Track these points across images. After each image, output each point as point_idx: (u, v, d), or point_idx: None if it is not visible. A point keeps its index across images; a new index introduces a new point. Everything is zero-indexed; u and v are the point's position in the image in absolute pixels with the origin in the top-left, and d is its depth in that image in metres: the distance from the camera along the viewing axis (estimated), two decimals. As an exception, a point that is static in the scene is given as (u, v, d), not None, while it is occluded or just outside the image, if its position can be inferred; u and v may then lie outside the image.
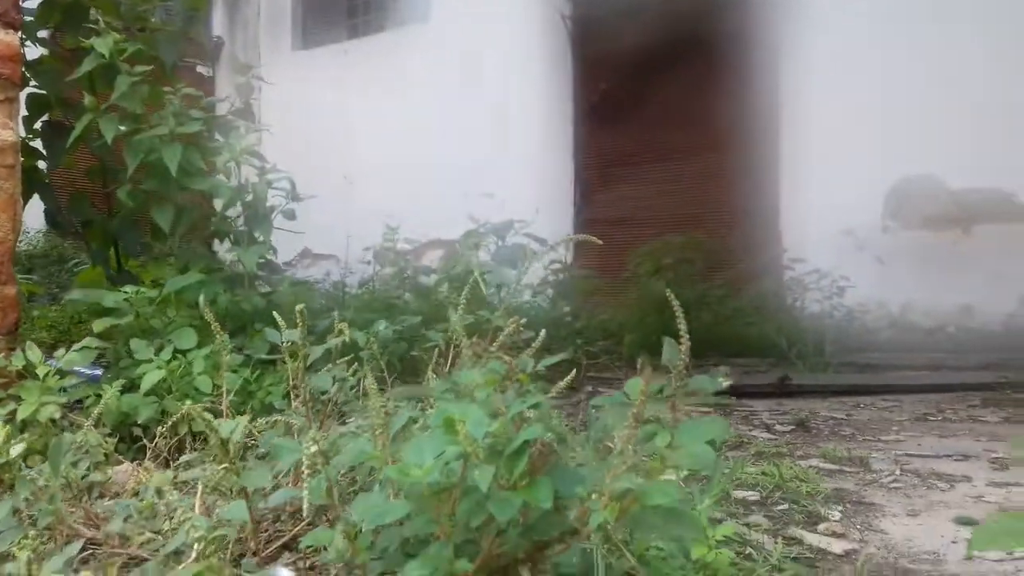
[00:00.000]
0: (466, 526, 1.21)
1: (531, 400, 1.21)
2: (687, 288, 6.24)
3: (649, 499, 1.07)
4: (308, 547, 1.63)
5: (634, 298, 6.04)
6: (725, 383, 1.35)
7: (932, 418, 3.56)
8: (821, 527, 2.07)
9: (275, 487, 1.61)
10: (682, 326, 1.39)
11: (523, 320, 1.67)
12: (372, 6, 10.44)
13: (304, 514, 1.27)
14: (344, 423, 2.23)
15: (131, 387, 2.82)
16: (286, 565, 1.56)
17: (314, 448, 1.28)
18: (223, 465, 1.57)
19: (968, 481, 2.54)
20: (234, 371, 2.88)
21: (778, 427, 3.39)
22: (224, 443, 1.43)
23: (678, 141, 8.39)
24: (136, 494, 2.04)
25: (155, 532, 1.79)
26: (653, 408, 1.30)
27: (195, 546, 1.33)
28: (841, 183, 7.19)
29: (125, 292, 3.07)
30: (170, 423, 2.41)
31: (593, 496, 1.11)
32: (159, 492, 1.83)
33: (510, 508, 1.10)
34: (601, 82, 8.77)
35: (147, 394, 2.78)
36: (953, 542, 2.00)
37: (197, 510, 1.55)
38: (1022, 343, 5.64)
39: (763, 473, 2.46)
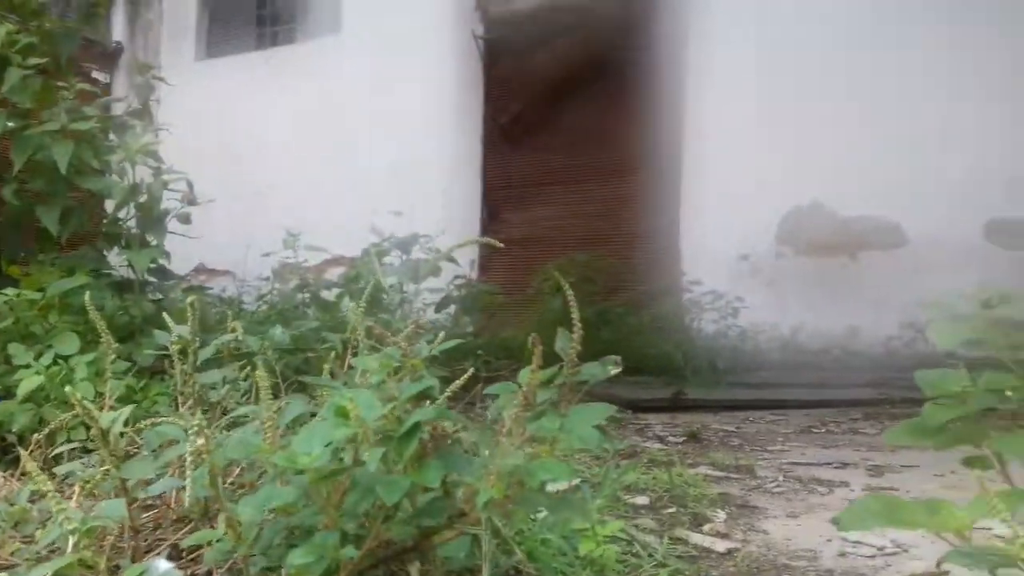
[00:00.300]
0: (353, 513, 1.21)
1: (424, 384, 1.22)
2: (589, 306, 6.36)
3: (536, 477, 1.09)
4: (191, 547, 1.59)
5: (537, 315, 6.12)
6: (614, 369, 1.39)
7: (816, 430, 3.72)
8: (706, 528, 2.13)
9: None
10: (575, 314, 1.42)
11: (423, 323, 1.68)
12: (281, 17, 10.31)
13: (186, 504, 1.24)
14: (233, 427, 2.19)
15: (7, 394, 2.70)
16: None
17: (200, 441, 1.25)
18: (103, 462, 1.52)
19: (846, 486, 2.66)
20: (118, 378, 2.78)
21: (671, 439, 3.48)
22: (104, 434, 1.38)
23: (586, 164, 8.56)
24: (10, 503, 1.94)
25: (27, 538, 1.71)
26: (545, 395, 1.33)
27: (69, 539, 1.28)
28: (738, 209, 7.47)
29: (4, 295, 2.94)
30: (47, 431, 2.31)
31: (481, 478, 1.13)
32: (33, 498, 1.75)
33: (398, 490, 1.11)
34: (512, 103, 8.88)
35: (24, 401, 2.66)
36: (829, 541, 2.09)
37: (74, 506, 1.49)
38: (901, 364, 5.94)
39: (653, 479, 2.52)
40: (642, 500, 2.37)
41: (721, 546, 2.00)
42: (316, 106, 9.50)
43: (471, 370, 1.69)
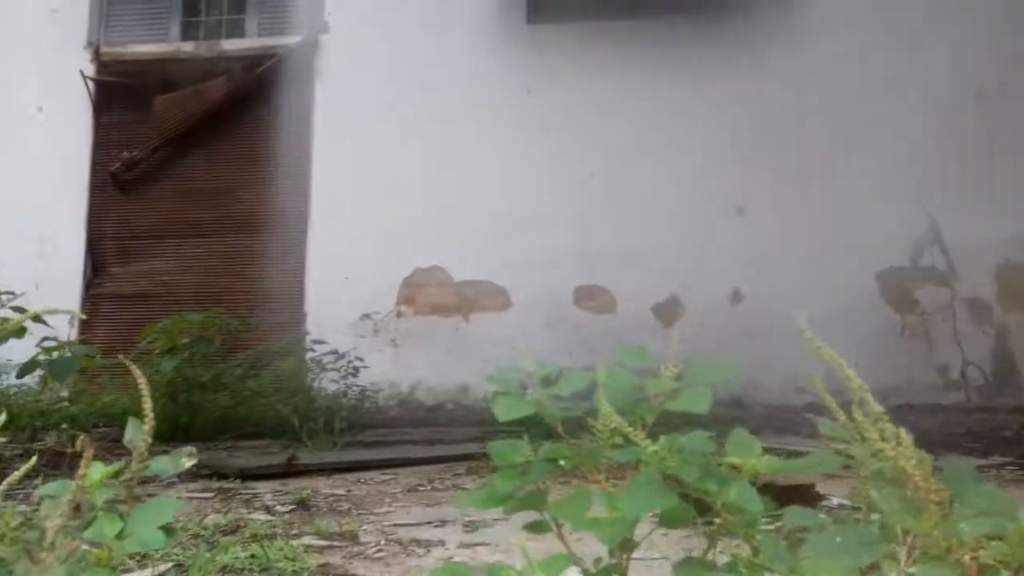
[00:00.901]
0: None
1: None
2: (206, 368, 6.05)
3: (76, 592, 1.00)
4: None
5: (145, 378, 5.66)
6: (188, 462, 1.33)
7: (422, 488, 3.88)
8: (302, 603, 2.11)
9: None
10: (147, 404, 1.35)
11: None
12: None
13: None
14: None
15: None
16: None
17: None
18: None
19: (442, 545, 2.80)
20: None
21: (279, 508, 3.41)
22: None
23: (208, 217, 8.21)
24: None
25: None
26: (107, 493, 1.24)
27: None
28: (363, 269, 7.66)
29: None
30: None
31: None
32: None
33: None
34: (124, 150, 8.24)
35: None
36: (420, 603, 2.18)
37: None
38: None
39: (251, 556, 2.44)
40: (238, 580, 2.29)
41: (314, 622, 2.00)
42: None
43: (32, 459, 1.52)
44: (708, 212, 7.23)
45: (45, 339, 4.51)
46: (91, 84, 8.22)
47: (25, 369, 4.40)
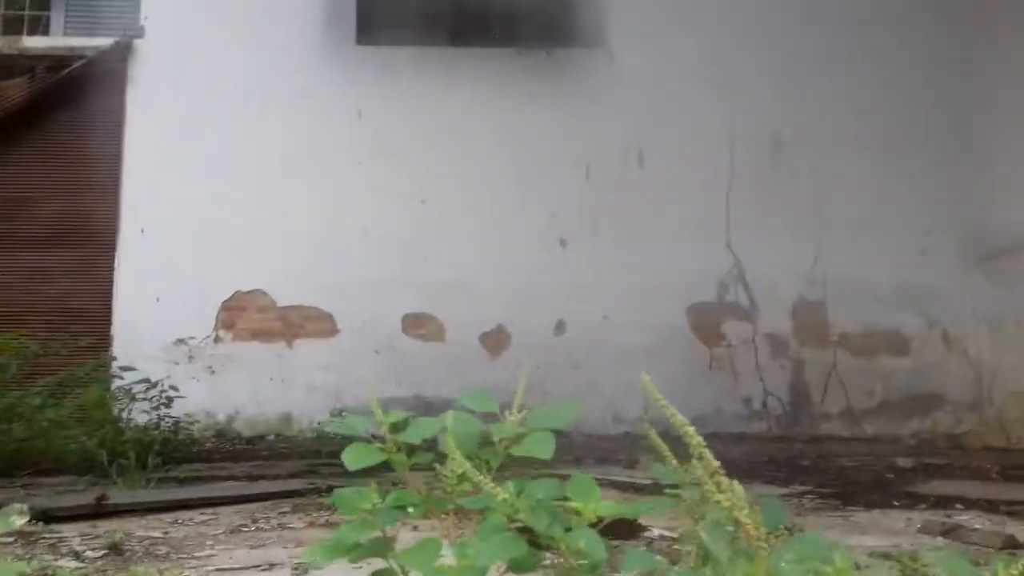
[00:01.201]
0: None
1: None
2: (-2, 396, 5.55)
3: None
4: None
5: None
6: (20, 520, 1.24)
7: (246, 529, 3.73)
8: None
9: None
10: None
11: None
12: None
13: None
14: None
15: None
16: None
17: None
18: None
19: (271, 590, 2.71)
20: None
21: (89, 553, 3.18)
22: None
23: (4, 231, 7.54)
24: None
25: None
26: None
27: None
28: (178, 291, 7.28)
29: None
30: None
31: None
32: None
33: None
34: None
35: None
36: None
37: None
38: (330, 448, 6.31)
39: (64, 611, 2.27)
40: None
41: None
42: None
43: None
44: (534, 243, 7.43)
45: None
46: None
47: None
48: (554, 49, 7.77)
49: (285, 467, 5.52)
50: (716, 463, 1.24)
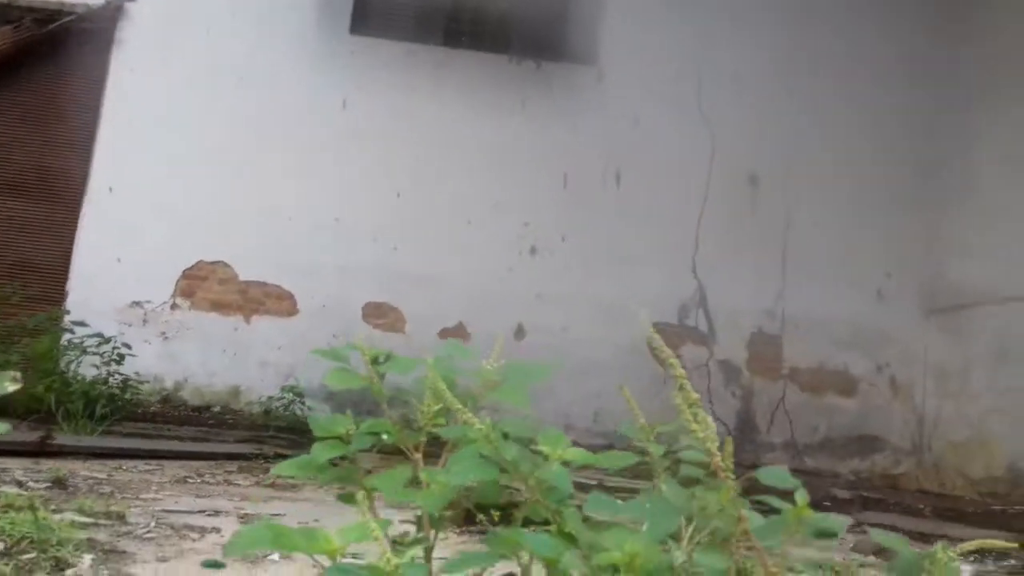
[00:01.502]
0: None
1: None
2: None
3: None
4: None
5: None
6: (12, 386, 1.25)
7: (191, 480, 3.72)
8: (68, 573, 1.99)
9: None
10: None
11: None
12: None
13: None
14: None
15: None
16: None
17: None
18: None
19: (218, 532, 2.71)
20: None
21: (32, 484, 3.14)
22: None
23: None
24: None
25: None
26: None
27: None
28: (139, 254, 7.18)
29: None
30: None
31: None
32: None
33: None
34: None
35: None
36: (198, 582, 2.11)
37: None
38: (279, 424, 6.27)
39: (11, 523, 2.25)
40: (-6, 546, 2.10)
41: (85, 590, 1.89)
42: None
43: None
44: (504, 247, 7.49)
45: None
46: None
47: None
48: (545, 61, 7.87)
49: (232, 435, 5.48)
50: (696, 395, 1.30)
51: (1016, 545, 1.51)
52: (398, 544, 1.47)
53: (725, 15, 7.79)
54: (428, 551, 1.43)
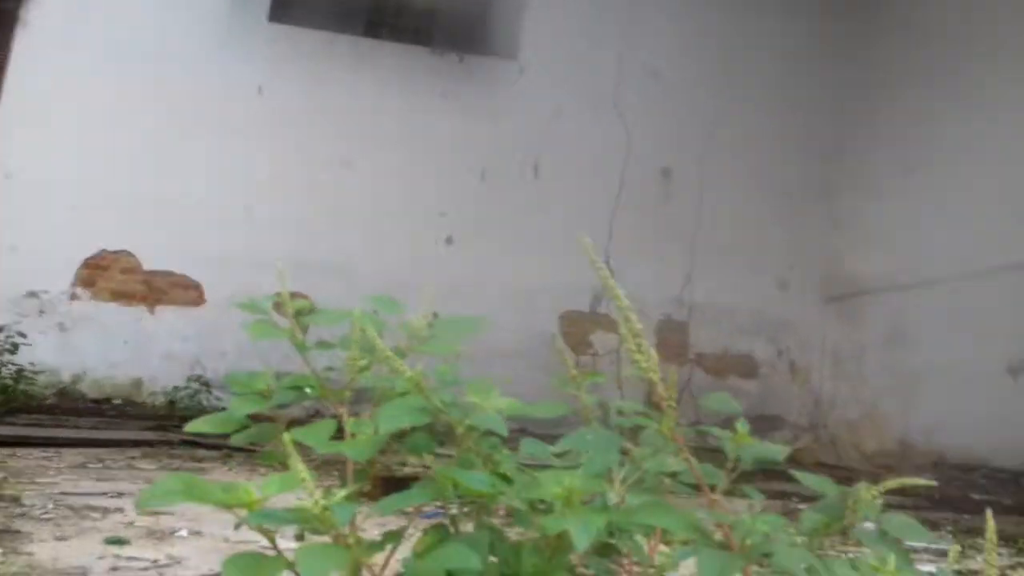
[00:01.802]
0: None
1: None
2: None
3: None
4: None
5: None
6: None
7: (92, 466, 3.55)
8: (-40, 550, 1.85)
9: None
10: None
11: None
12: None
13: None
14: None
15: None
16: None
17: None
18: None
19: (121, 512, 2.59)
20: None
21: (-84, 469, 2.93)
22: None
23: None
24: None
25: None
26: None
27: None
28: (36, 242, 6.81)
29: None
30: None
31: None
32: None
33: None
34: None
35: None
36: (101, 558, 2.02)
37: None
38: (184, 415, 6.04)
39: None
40: None
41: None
42: None
43: None
44: (420, 237, 7.43)
45: None
46: None
47: None
48: (467, 55, 7.86)
49: (134, 426, 5.26)
50: (639, 326, 1.29)
51: (933, 483, 1.56)
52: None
53: (645, 9, 7.94)
54: (353, 495, 1.38)
